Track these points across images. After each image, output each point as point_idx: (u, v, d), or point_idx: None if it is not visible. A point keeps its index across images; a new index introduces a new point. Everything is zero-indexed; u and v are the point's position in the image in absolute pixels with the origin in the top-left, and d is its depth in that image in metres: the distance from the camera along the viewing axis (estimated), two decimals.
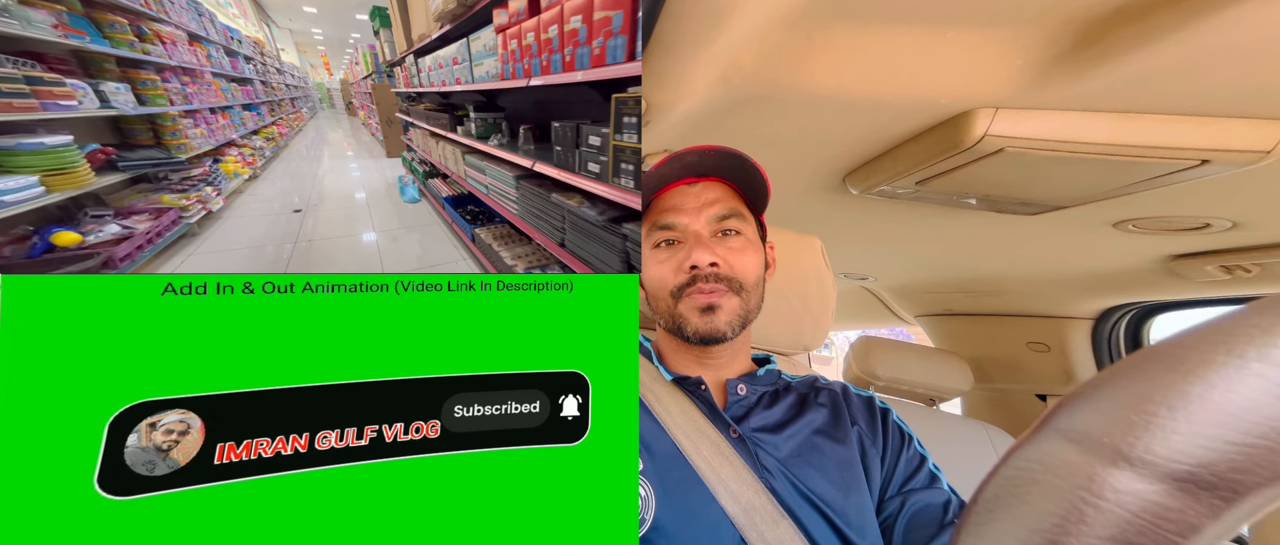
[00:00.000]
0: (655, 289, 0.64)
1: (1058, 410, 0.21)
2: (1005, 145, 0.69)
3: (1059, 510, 0.19)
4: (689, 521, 0.52)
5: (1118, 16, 0.51)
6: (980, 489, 0.23)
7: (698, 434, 0.57)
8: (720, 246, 0.61)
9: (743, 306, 0.61)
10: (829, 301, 0.86)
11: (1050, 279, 1.45)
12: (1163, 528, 0.17)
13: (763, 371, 0.67)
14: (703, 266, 0.59)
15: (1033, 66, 0.60)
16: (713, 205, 0.62)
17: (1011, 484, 0.21)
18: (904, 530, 0.54)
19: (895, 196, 0.98)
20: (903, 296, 2.08)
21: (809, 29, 0.59)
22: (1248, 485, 0.16)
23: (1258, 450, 0.16)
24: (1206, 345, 0.18)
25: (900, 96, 0.70)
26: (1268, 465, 0.16)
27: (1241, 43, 0.50)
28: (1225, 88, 0.58)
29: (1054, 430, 0.21)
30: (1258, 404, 0.16)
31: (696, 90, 0.72)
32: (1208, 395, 0.17)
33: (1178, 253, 1.12)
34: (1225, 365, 0.17)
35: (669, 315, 0.63)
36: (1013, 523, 0.21)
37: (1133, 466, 0.17)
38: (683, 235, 0.62)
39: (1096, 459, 0.18)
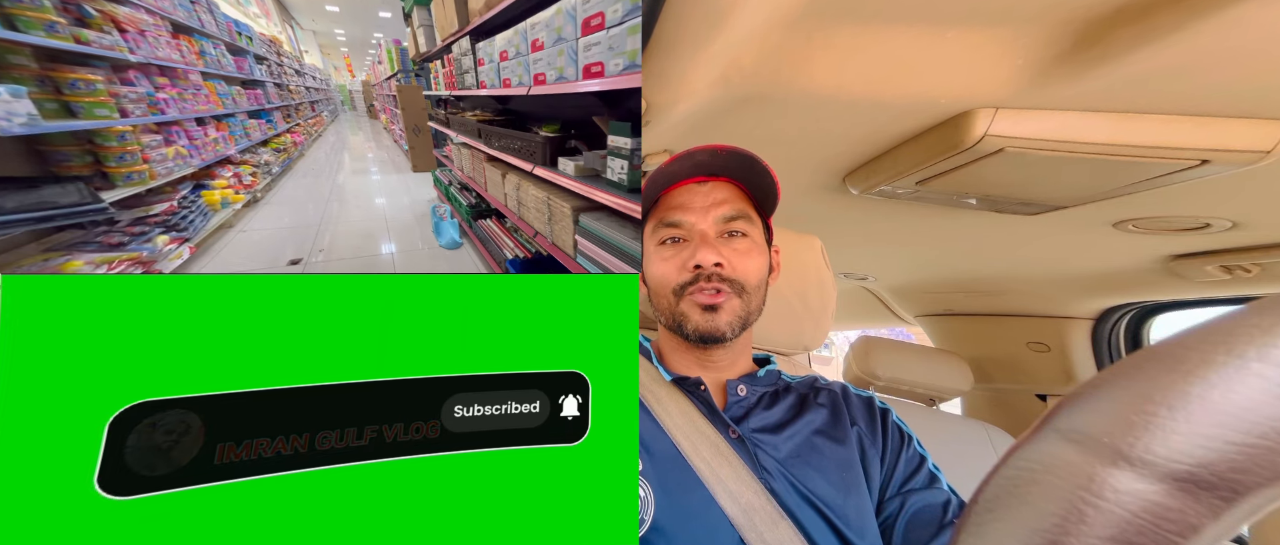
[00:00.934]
0: (657, 286, 0.64)
1: (1058, 410, 0.21)
2: (1005, 145, 0.69)
3: (1059, 510, 0.19)
4: (688, 522, 0.52)
5: (1118, 16, 0.51)
6: (980, 489, 0.23)
7: (697, 434, 0.57)
8: (726, 247, 0.60)
9: (744, 308, 0.61)
10: (829, 301, 0.86)
11: (1050, 279, 1.45)
12: (1163, 528, 0.17)
13: (763, 372, 0.66)
14: (707, 266, 0.59)
15: (1033, 66, 0.60)
16: (721, 205, 0.61)
17: (1011, 484, 0.21)
18: (904, 530, 0.54)
19: (895, 196, 0.98)
20: (903, 296, 2.08)
21: (809, 29, 0.59)
22: (1248, 485, 0.16)
23: (1258, 450, 0.16)
24: (1206, 345, 0.18)
25: (900, 96, 0.70)
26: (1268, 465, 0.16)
27: (1241, 43, 0.50)
28: (1225, 88, 0.58)
29: (1054, 430, 0.21)
30: (1258, 404, 0.16)
31: (696, 90, 0.72)
32: (1208, 395, 0.17)
33: (1178, 253, 1.13)
34: (1225, 365, 0.17)
35: (670, 313, 0.62)
36: (1013, 523, 0.21)
37: (1133, 466, 0.17)
38: (689, 234, 0.62)
39: (1096, 459, 0.18)
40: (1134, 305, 1.51)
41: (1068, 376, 1.65)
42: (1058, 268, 1.36)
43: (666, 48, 0.64)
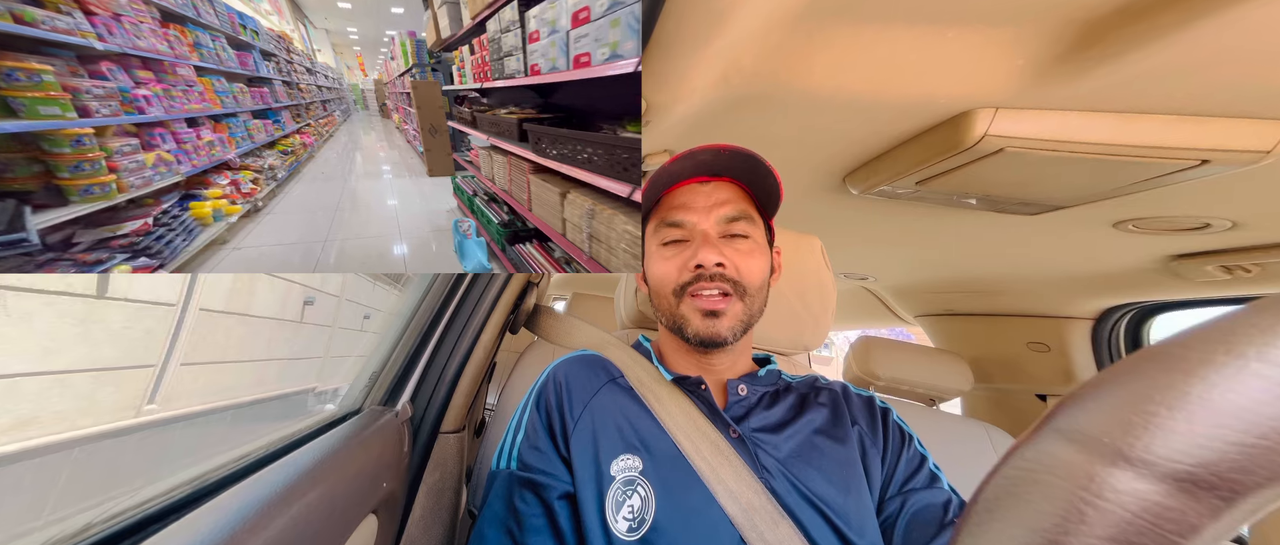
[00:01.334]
0: (658, 286, 0.64)
1: (1058, 410, 0.21)
2: (1005, 145, 0.69)
3: (1059, 510, 0.19)
4: (689, 521, 0.52)
5: (1118, 16, 0.51)
6: (980, 489, 0.23)
7: (697, 434, 0.57)
8: (728, 248, 0.60)
9: (746, 311, 0.60)
10: (829, 301, 0.86)
11: (1050, 279, 1.45)
12: (1163, 528, 0.17)
13: (763, 372, 0.66)
14: (709, 266, 0.59)
15: (1033, 66, 0.60)
16: (723, 206, 0.61)
17: (1011, 484, 0.21)
18: (905, 530, 0.54)
19: (895, 196, 0.98)
20: (903, 296, 2.08)
21: (809, 29, 0.59)
22: (1248, 485, 0.16)
23: (1258, 450, 0.16)
24: (1206, 345, 0.18)
25: (900, 96, 0.70)
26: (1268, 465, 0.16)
27: (1241, 43, 0.50)
28: (1225, 88, 0.58)
29: (1054, 430, 0.21)
30: (1258, 404, 0.16)
31: (696, 90, 0.72)
32: (1208, 395, 0.17)
33: (1178, 253, 1.13)
34: (1225, 365, 0.17)
35: (671, 314, 0.62)
36: (1013, 523, 0.21)
37: (1133, 466, 0.17)
38: (691, 234, 0.62)
39: (1096, 459, 0.18)
40: (1134, 305, 1.51)
41: (1068, 376, 1.65)
42: (1058, 268, 1.36)
43: (666, 48, 0.64)
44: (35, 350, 1.27)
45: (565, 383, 0.64)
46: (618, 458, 0.56)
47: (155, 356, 1.72)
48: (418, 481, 0.78)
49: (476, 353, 0.86)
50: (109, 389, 1.53)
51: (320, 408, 1.82)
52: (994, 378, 1.84)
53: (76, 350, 1.39)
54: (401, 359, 0.81)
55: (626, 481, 0.54)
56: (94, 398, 1.46)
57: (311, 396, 2.63)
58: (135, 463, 1.52)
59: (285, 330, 2.70)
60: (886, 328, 2.97)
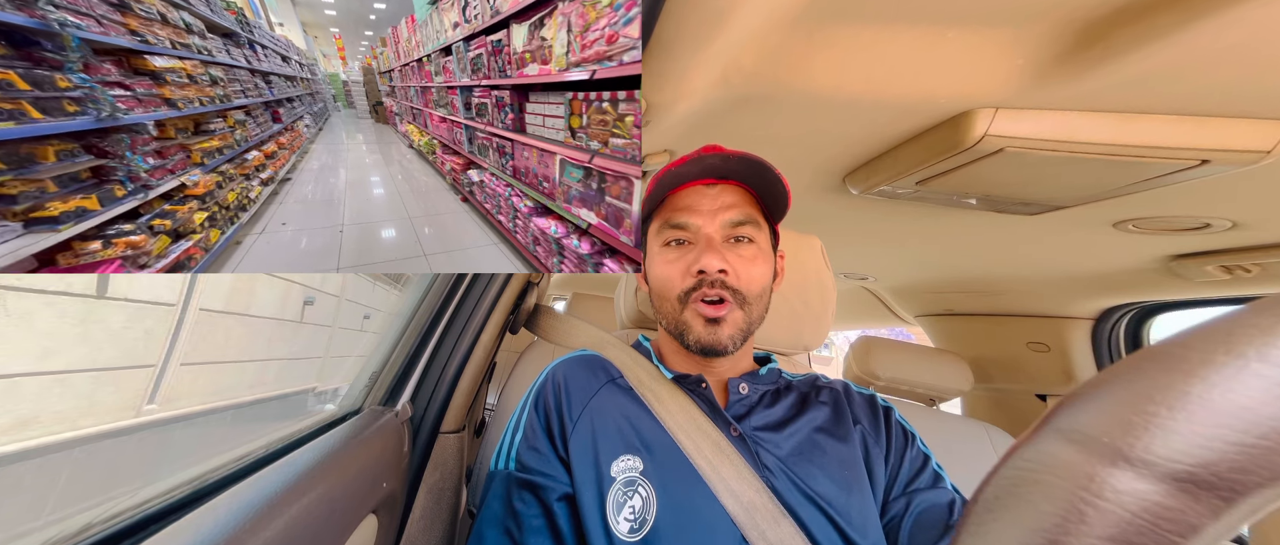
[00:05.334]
0: (661, 288, 0.63)
1: (1058, 410, 0.21)
2: (1005, 145, 0.69)
3: (1059, 510, 0.19)
4: (690, 520, 0.52)
5: (1118, 16, 0.51)
6: (980, 489, 0.23)
7: (698, 433, 0.57)
8: (731, 253, 0.60)
9: (747, 319, 0.60)
10: (829, 301, 0.86)
11: (1050, 279, 1.45)
12: (1163, 528, 0.17)
13: (764, 371, 0.66)
14: (711, 272, 0.58)
15: (1033, 66, 0.60)
16: (728, 210, 0.61)
17: (1011, 484, 0.21)
18: (910, 531, 0.53)
19: (895, 196, 0.98)
20: (903, 296, 2.08)
21: (809, 29, 0.59)
22: (1248, 485, 0.16)
23: (1258, 450, 0.16)
24: (1206, 345, 0.18)
25: (900, 96, 0.70)
26: (1268, 465, 0.16)
27: (1241, 43, 0.50)
28: (1225, 88, 0.58)
29: (1054, 430, 0.21)
30: (1258, 404, 0.16)
31: (696, 90, 0.72)
32: (1208, 395, 0.17)
33: (1178, 253, 1.12)
34: (1225, 365, 0.17)
35: (673, 320, 0.62)
36: (1013, 523, 0.20)
37: (1133, 466, 0.17)
38: (695, 237, 0.61)
39: (1096, 459, 0.18)
40: (1134, 305, 1.51)
41: (1068, 376, 1.65)
42: (1058, 268, 1.36)
43: (666, 48, 0.64)
44: (35, 350, 1.28)
45: (564, 383, 0.64)
46: (618, 458, 0.56)
47: (155, 356, 1.73)
48: (418, 481, 0.78)
49: (476, 353, 0.86)
50: (109, 389, 1.54)
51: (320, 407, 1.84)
52: (994, 378, 1.84)
53: (76, 350, 1.40)
54: (401, 359, 0.81)
55: (627, 482, 0.54)
56: (94, 398, 1.47)
57: (311, 396, 2.63)
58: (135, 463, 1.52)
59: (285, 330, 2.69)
60: (886, 328, 2.97)
